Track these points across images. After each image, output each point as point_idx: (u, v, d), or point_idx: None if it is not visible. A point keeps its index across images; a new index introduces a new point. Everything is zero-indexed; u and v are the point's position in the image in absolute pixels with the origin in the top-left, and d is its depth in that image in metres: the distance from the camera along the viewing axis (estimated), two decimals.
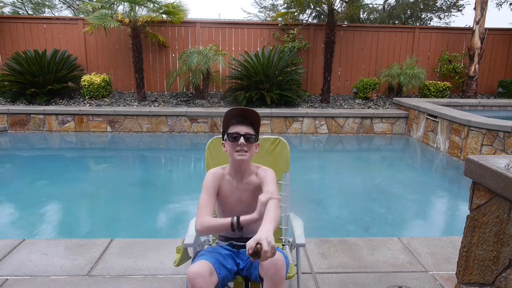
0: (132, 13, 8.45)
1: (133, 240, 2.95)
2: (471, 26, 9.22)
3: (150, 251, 2.78)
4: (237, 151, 1.84)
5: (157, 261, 2.65)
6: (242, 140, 1.82)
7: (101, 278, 2.44)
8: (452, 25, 13.88)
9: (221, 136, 2.31)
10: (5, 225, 3.76)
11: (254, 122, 1.88)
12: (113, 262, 2.63)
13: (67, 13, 15.89)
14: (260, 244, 1.42)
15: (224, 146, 1.93)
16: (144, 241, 2.95)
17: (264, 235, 1.46)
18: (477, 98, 9.24)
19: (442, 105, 7.65)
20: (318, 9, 11.54)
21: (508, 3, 11.60)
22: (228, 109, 1.87)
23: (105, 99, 8.66)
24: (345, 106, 8.78)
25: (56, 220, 3.97)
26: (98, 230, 3.78)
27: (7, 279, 2.40)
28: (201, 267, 1.64)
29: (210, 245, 2.18)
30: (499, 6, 11.72)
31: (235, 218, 1.74)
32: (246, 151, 1.84)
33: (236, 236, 1.97)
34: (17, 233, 3.62)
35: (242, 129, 1.84)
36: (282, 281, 1.63)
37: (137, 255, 2.73)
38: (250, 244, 1.43)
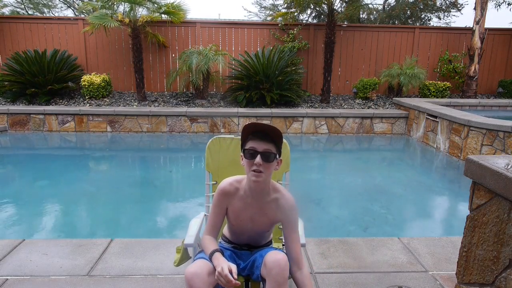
0: (132, 13, 8.45)
1: (133, 240, 2.94)
2: (471, 26, 9.22)
3: (150, 251, 2.78)
4: (253, 171, 1.65)
5: (157, 261, 2.65)
6: (258, 159, 1.62)
7: (101, 278, 2.44)
8: (452, 25, 13.90)
9: (221, 136, 2.33)
10: (5, 225, 3.76)
11: (275, 138, 1.68)
12: (113, 262, 2.63)
13: (67, 13, 15.90)
14: None
15: (242, 159, 1.73)
16: (144, 241, 2.95)
17: None
18: (477, 98, 9.24)
19: (442, 105, 7.65)
20: (318, 9, 11.55)
21: (507, 3, 11.60)
22: (247, 123, 1.69)
23: (105, 99, 8.66)
24: (345, 106, 8.78)
25: (56, 220, 3.97)
26: (98, 230, 3.78)
27: (7, 279, 2.40)
28: (199, 267, 1.63)
29: None
30: (498, 7, 11.72)
31: (214, 252, 1.69)
32: (262, 171, 1.64)
33: (241, 243, 1.95)
34: (17, 233, 3.62)
35: (261, 146, 1.64)
36: (285, 282, 1.61)
37: (137, 255, 2.73)
38: None
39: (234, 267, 1.58)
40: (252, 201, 1.78)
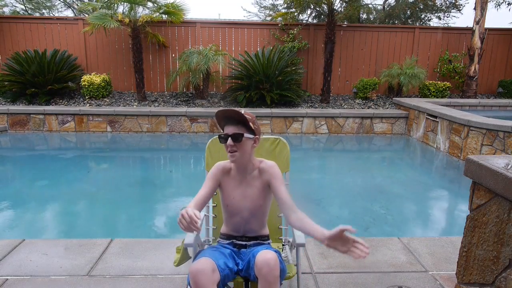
0: (132, 13, 8.45)
1: (133, 240, 2.94)
2: (471, 26, 9.22)
3: (150, 251, 2.78)
4: (229, 152, 1.86)
5: (157, 261, 2.65)
6: (229, 141, 1.82)
7: (101, 278, 2.44)
8: (452, 25, 13.89)
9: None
10: (5, 225, 3.76)
11: (242, 120, 1.84)
12: (113, 262, 2.63)
13: (67, 13, 15.90)
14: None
15: None
16: (144, 241, 2.95)
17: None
18: (477, 98, 9.24)
19: (442, 105, 7.64)
20: (318, 9, 11.54)
21: (507, 3, 11.60)
22: (216, 111, 1.86)
23: (105, 99, 8.66)
24: (345, 106, 8.78)
25: (56, 220, 3.98)
26: (98, 230, 3.78)
27: (7, 279, 2.40)
28: (204, 264, 1.64)
29: (210, 245, 2.18)
30: (498, 7, 11.72)
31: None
32: (236, 151, 1.84)
33: (238, 235, 1.99)
34: (17, 233, 3.62)
35: (230, 130, 1.84)
36: (276, 281, 1.62)
37: (137, 255, 2.73)
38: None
39: (198, 213, 1.59)
40: (241, 179, 1.95)
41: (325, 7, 9.13)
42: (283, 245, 2.25)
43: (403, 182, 5.49)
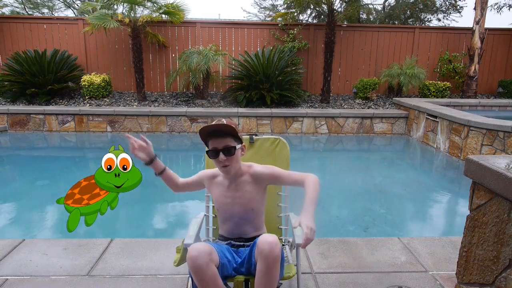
0: (132, 13, 8.45)
1: (133, 240, 2.94)
2: (471, 26, 9.22)
3: (150, 251, 2.78)
4: (222, 167, 1.86)
5: (157, 261, 2.65)
6: (222, 156, 1.81)
7: (101, 278, 2.44)
8: (452, 25, 13.89)
9: None
10: (5, 225, 3.76)
11: (230, 132, 1.82)
12: (113, 262, 2.63)
13: (67, 13, 15.90)
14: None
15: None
16: (144, 241, 2.95)
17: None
18: (477, 98, 9.24)
19: (442, 105, 7.64)
20: (318, 9, 11.55)
21: (508, 6, 11.58)
22: (200, 128, 1.85)
23: (105, 99, 8.66)
24: (345, 106, 8.78)
25: (56, 220, 3.97)
26: (98, 230, 3.78)
27: (7, 279, 2.40)
28: (201, 245, 1.67)
29: None
30: (500, 10, 11.70)
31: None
32: (228, 165, 1.84)
33: (234, 237, 2.00)
34: (17, 233, 3.62)
35: (220, 143, 1.81)
36: (276, 263, 1.61)
37: (137, 255, 2.73)
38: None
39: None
40: (229, 184, 1.96)
41: (325, 7, 9.13)
42: (283, 245, 2.25)
43: (403, 182, 5.49)
